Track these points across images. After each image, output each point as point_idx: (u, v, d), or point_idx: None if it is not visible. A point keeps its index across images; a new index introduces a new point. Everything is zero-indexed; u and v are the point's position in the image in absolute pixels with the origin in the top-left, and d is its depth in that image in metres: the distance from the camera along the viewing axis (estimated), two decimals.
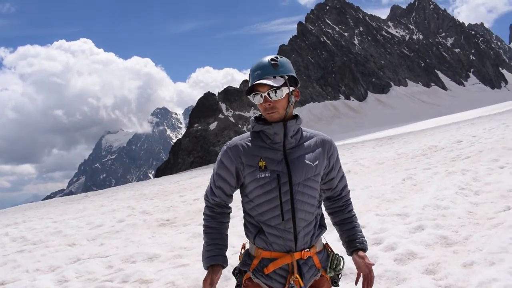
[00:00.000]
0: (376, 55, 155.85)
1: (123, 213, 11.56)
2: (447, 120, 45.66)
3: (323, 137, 2.18)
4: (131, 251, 6.49)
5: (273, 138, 2.02)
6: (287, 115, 2.02)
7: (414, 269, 4.26)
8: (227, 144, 2.11)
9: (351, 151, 22.52)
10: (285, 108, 2.00)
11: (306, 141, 2.10)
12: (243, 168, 2.03)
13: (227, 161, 2.06)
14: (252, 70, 2.03)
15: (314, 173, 2.05)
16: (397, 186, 8.78)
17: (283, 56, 2.05)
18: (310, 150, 2.07)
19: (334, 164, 2.19)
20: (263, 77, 1.97)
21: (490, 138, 14.33)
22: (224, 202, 2.16)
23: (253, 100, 2.02)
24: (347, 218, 2.23)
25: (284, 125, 2.00)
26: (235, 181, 2.09)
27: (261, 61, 2.03)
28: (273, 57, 2.02)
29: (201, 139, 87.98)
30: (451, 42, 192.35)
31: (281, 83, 1.96)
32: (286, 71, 2.01)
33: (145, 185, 25.60)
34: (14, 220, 13.87)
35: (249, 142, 2.06)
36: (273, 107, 1.98)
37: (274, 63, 1.99)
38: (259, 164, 1.99)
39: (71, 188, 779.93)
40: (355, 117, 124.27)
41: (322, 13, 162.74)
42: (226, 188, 2.11)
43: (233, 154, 2.05)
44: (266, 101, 1.97)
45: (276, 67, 1.98)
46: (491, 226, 5.26)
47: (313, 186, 2.05)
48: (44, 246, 8.04)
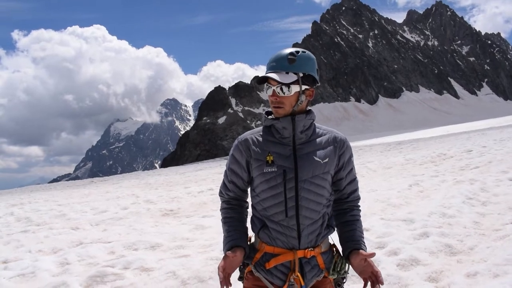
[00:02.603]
0: (390, 59, 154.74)
1: (127, 201, 11.62)
2: (458, 129, 45.28)
3: (337, 134, 2.11)
4: (134, 238, 6.51)
5: (282, 133, 1.99)
6: (294, 112, 1.98)
7: (417, 276, 4.22)
8: (238, 138, 2.09)
9: (358, 153, 22.45)
10: (292, 105, 1.96)
11: (318, 137, 2.05)
12: (252, 162, 2.01)
13: (238, 155, 2.05)
14: (269, 60, 1.99)
15: (323, 171, 1.99)
16: (404, 192, 8.71)
17: (308, 52, 1.98)
18: (321, 147, 2.02)
19: (345, 164, 2.08)
20: (276, 71, 1.93)
21: (501, 150, 14.19)
22: (238, 196, 2.14)
23: (265, 90, 1.99)
24: (348, 220, 2.09)
25: (292, 119, 1.96)
26: (247, 175, 2.07)
27: (280, 52, 1.97)
28: (293, 51, 1.95)
29: (209, 132, 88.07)
30: (466, 50, 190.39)
31: (291, 80, 1.92)
32: (302, 68, 1.94)
33: (151, 174, 25.72)
34: (20, 201, 14.02)
35: (259, 137, 2.04)
36: (280, 102, 1.95)
37: (291, 58, 1.93)
38: (267, 159, 1.97)
39: (78, 173, 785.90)
40: (365, 120, 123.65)
41: (337, 14, 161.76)
42: (239, 182, 2.09)
43: (244, 148, 2.03)
44: (274, 95, 1.95)
45: (292, 62, 1.92)
46: (497, 238, 5.19)
47: (320, 184, 1.99)
48: (48, 228, 8.10)
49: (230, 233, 2.04)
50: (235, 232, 2.04)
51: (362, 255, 1.93)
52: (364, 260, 1.93)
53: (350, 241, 2.02)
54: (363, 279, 1.96)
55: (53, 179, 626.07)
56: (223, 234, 2.08)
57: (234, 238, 2.01)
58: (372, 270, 1.92)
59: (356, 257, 1.96)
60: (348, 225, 2.08)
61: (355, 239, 2.03)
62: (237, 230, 2.05)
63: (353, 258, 1.97)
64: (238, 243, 1.99)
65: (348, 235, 2.05)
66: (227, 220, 2.09)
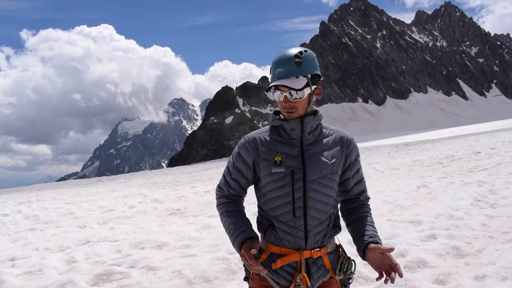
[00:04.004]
0: (398, 59, 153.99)
1: (134, 200, 11.67)
2: (466, 130, 44.92)
3: (343, 134, 2.10)
4: (140, 237, 6.53)
5: (290, 134, 1.98)
6: (306, 114, 1.98)
7: (424, 278, 4.19)
8: (245, 137, 2.07)
9: (365, 154, 22.35)
10: (305, 108, 1.96)
11: (324, 138, 2.04)
12: (260, 162, 2.00)
13: (245, 154, 2.04)
14: (274, 65, 1.95)
15: (330, 171, 1.99)
16: (411, 193, 8.66)
17: (308, 49, 1.95)
18: (328, 147, 2.01)
19: (352, 164, 2.08)
20: (286, 77, 1.90)
21: (510, 151, 14.06)
22: (239, 194, 2.13)
23: (273, 95, 1.96)
24: (360, 217, 2.08)
25: (301, 121, 1.95)
26: (251, 175, 2.06)
27: (284, 55, 1.93)
28: (297, 52, 1.92)
29: (216, 132, 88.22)
30: (475, 51, 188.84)
31: (303, 83, 1.90)
32: (310, 69, 1.93)
33: (158, 174, 25.81)
34: (28, 199, 14.13)
35: (267, 136, 2.03)
36: (293, 107, 1.93)
37: (298, 60, 1.89)
38: (275, 159, 1.95)
39: (85, 171, 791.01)
40: (372, 121, 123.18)
41: (345, 14, 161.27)
42: (242, 181, 2.08)
43: (251, 147, 2.02)
44: (287, 101, 1.92)
45: (299, 65, 1.89)
46: (506, 241, 5.14)
47: (328, 185, 1.98)
48: (55, 226, 8.15)
49: (238, 224, 2.00)
50: (243, 224, 2.00)
51: (380, 249, 1.88)
52: (382, 254, 1.87)
53: (365, 236, 1.98)
54: (378, 272, 1.89)
55: (61, 178, 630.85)
56: (229, 227, 2.02)
57: (245, 229, 1.97)
58: (390, 263, 1.85)
59: (373, 251, 1.90)
60: (360, 221, 2.06)
61: (369, 233, 1.99)
62: (244, 221, 2.02)
63: (370, 252, 1.91)
64: (251, 234, 1.96)
65: (362, 231, 2.02)
66: (230, 214, 2.05)
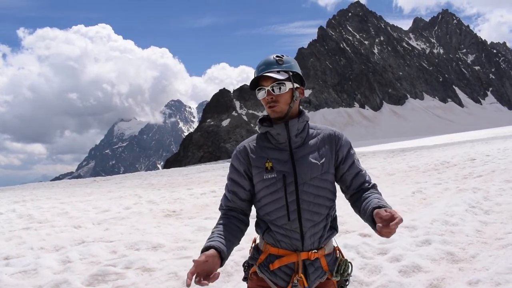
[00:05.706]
0: (395, 65, 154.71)
1: (130, 201, 11.64)
2: (462, 137, 45.14)
3: (331, 131, 2.09)
4: (136, 238, 6.52)
5: (277, 139, 2.01)
6: (290, 110, 2.00)
7: (419, 282, 4.21)
8: (236, 148, 2.13)
9: (361, 160, 22.42)
10: (288, 103, 1.99)
11: (312, 138, 2.05)
12: (252, 169, 2.03)
13: (237, 164, 2.07)
14: (257, 66, 2.05)
15: (321, 172, 1.99)
16: (406, 199, 8.70)
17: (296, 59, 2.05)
18: (316, 147, 2.02)
19: (344, 158, 2.05)
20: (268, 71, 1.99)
21: (504, 159, 14.16)
22: (239, 207, 2.08)
23: (258, 95, 2.00)
24: (367, 195, 1.96)
25: (286, 124, 1.99)
26: (248, 183, 2.06)
27: (266, 57, 2.05)
28: (278, 54, 2.04)
29: (213, 134, 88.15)
30: (472, 59, 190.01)
31: (284, 76, 1.97)
32: (290, 67, 2.02)
33: (154, 175, 25.73)
34: (22, 198, 14.06)
35: (256, 144, 2.06)
36: (275, 100, 1.97)
37: (279, 59, 2.01)
38: (266, 165, 1.98)
39: (80, 171, 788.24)
40: (368, 126, 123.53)
41: (343, 20, 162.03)
42: (240, 192, 2.08)
43: (242, 156, 2.06)
44: (269, 94, 1.97)
45: (280, 62, 2.00)
46: (500, 247, 5.17)
47: (320, 185, 1.99)
48: (50, 226, 8.12)
49: (211, 235, 1.94)
50: (216, 235, 1.91)
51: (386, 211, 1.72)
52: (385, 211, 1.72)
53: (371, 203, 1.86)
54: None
55: (56, 177, 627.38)
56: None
57: (210, 241, 1.87)
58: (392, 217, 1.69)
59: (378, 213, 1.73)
60: (366, 197, 1.96)
61: (377, 202, 1.85)
62: (220, 235, 1.92)
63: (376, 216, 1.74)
64: (211, 243, 1.84)
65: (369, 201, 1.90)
66: (217, 226, 2.00)
